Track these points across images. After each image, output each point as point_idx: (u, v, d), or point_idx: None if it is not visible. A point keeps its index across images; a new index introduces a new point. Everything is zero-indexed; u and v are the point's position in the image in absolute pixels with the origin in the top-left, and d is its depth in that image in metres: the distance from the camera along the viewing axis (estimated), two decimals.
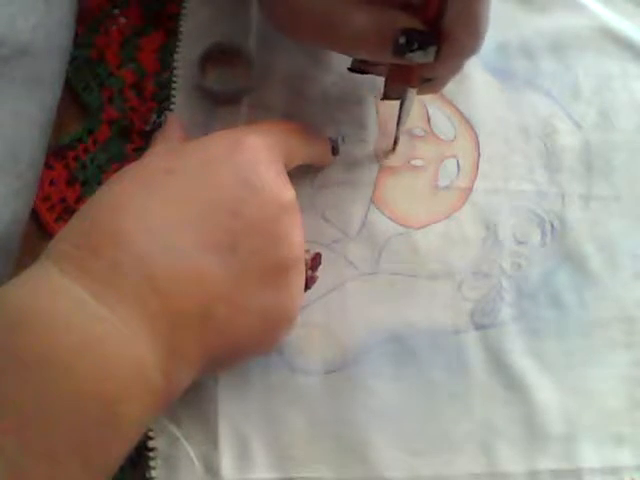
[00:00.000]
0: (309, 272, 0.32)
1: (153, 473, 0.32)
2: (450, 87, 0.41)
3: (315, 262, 0.33)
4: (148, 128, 0.39)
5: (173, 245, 0.27)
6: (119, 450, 0.25)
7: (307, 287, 0.32)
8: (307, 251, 0.32)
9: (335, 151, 0.38)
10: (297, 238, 0.30)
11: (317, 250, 0.33)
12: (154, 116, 0.37)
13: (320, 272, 0.33)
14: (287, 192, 0.30)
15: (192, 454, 0.33)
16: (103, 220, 0.27)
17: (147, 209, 0.27)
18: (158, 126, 0.37)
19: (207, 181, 0.28)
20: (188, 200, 0.28)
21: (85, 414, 0.24)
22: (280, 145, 0.32)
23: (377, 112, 0.40)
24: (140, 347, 0.25)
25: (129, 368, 0.25)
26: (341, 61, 0.40)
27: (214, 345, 0.28)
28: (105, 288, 0.25)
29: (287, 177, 0.31)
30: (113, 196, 0.28)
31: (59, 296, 0.25)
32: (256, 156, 0.30)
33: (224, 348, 0.28)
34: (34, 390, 0.23)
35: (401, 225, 0.38)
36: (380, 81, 0.35)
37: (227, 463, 0.33)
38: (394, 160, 0.39)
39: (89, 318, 0.25)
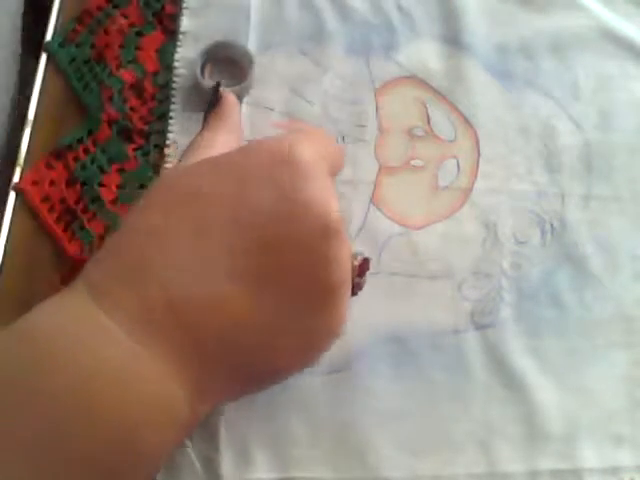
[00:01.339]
0: (356, 279, 0.30)
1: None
2: (450, 87, 0.41)
3: (363, 268, 0.30)
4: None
5: (200, 277, 0.25)
6: None
7: (354, 293, 0.30)
8: (355, 256, 0.29)
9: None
10: (344, 259, 0.27)
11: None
12: (210, 92, 0.34)
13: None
14: (334, 209, 0.26)
15: (192, 454, 0.33)
16: (130, 252, 0.26)
17: (174, 239, 0.25)
18: (211, 106, 0.33)
19: (241, 203, 0.26)
20: (220, 227, 0.25)
21: (113, 455, 0.23)
22: (328, 155, 0.28)
23: (377, 112, 0.40)
24: (171, 384, 0.24)
25: (153, 399, 0.24)
26: (341, 61, 0.40)
27: (247, 375, 0.27)
28: (137, 324, 0.24)
29: (335, 192, 0.28)
30: (140, 225, 0.26)
31: (94, 329, 0.24)
32: (304, 170, 0.26)
33: (259, 376, 0.28)
34: (64, 423, 0.23)
35: (401, 225, 0.38)
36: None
37: (227, 463, 0.33)
38: (394, 160, 0.39)
39: (124, 354, 0.24)
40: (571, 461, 0.34)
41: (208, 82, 0.39)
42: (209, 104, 0.34)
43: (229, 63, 0.40)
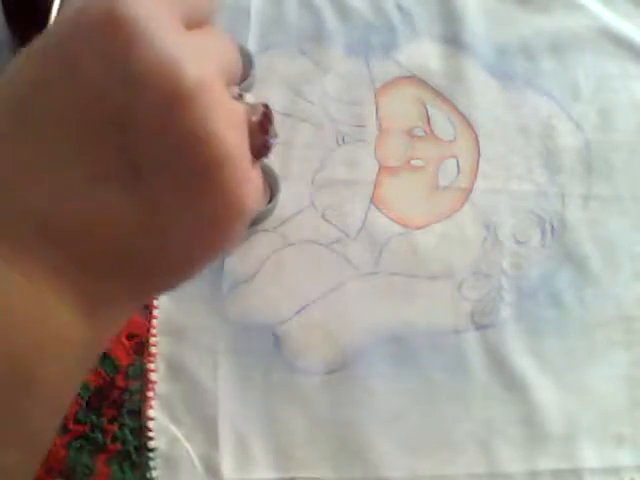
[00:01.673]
0: (259, 138, 0.24)
1: (153, 473, 0.32)
2: (450, 87, 0.41)
3: (264, 123, 0.24)
4: None
5: (58, 185, 0.22)
6: (42, 415, 0.23)
7: (260, 156, 0.25)
8: (254, 110, 0.24)
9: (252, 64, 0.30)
10: (218, 126, 0.22)
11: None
12: None
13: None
14: (189, 67, 0.21)
15: (192, 454, 0.33)
16: None
17: (20, 144, 0.22)
18: None
19: (78, 95, 0.22)
20: (63, 124, 0.22)
21: (4, 388, 0.21)
22: (176, 2, 0.23)
23: (377, 112, 0.40)
24: (47, 301, 0.22)
25: (38, 325, 0.22)
26: (341, 61, 0.40)
27: (148, 276, 0.24)
28: (8, 249, 0.22)
29: (194, 41, 0.22)
30: None
31: None
32: (132, 30, 0.21)
33: (164, 273, 0.25)
34: None
35: (401, 225, 0.38)
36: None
37: (227, 463, 0.33)
38: (394, 160, 0.39)
39: None
40: (571, 461, 0.34)
41: None
42: None
43: None
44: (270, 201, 0.36)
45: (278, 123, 0.27)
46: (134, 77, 0.21)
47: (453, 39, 0.42)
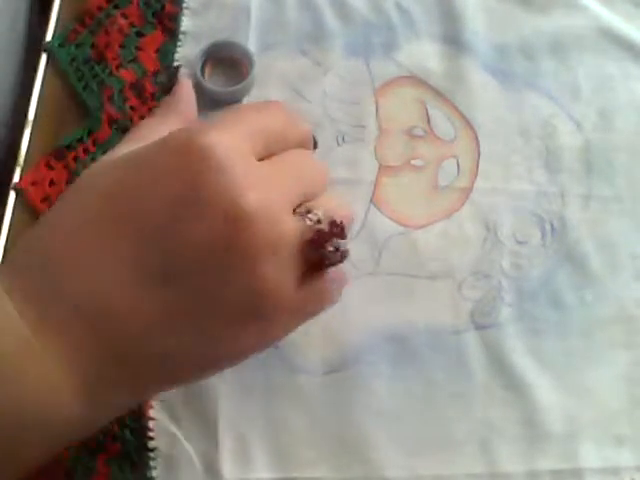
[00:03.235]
0: (317, 252, 0.26)
1: (153, 473, 0.32)
2: (450, 87, 0.41)
3: (317, 241, 0.26)
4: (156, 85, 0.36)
5: (102, 279, 0.25)
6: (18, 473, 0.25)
7: (331, 264, 0.27)
8: (317, 222, 0.26)
9: (315, 144, 0.33)
10: (259, 254, 0.24)
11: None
12: (166, 77, 0.33)
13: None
14: (246, 198, 0.24)
15: (192, 454, 0.33)
16: (36, 246, 0.26)
17: (81, 239, 0.25)
18: (167, 89, 0.33)
19: (143, 205, 0.25)
20: (123, 229, 0.25)
21: None
22: (249, 132, 0.26)
23: (377, 112, 0.40)
24: (55, 374, 0.24)
25: (39, 392, 0.24)
26: (341, 61, 0.40)
27: (154, 375, 0.26)
28: (31, 310, 0.24)
29: (265, 171, 0.26)
30: (51, 222, 0.26)
31: None
32: (205, 159, 0.24)
33: (170, 377, 0.27)
34: None
35: (401, 225, 0.38)
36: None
37: (227, 463, 0.33)
38: (394, 160, 0.39)
39: (10, 333, 0.24)
40: (571, 461, 0.34)
41: (208, 82, 0.39)
42: (164, 88, 0.33)
43: (229, 63, 0.40)
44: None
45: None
46: (195, 198, 0.24)
47: (453, 39, 0.42)
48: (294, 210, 0.27)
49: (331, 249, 0.26)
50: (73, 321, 0.24)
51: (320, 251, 0.26)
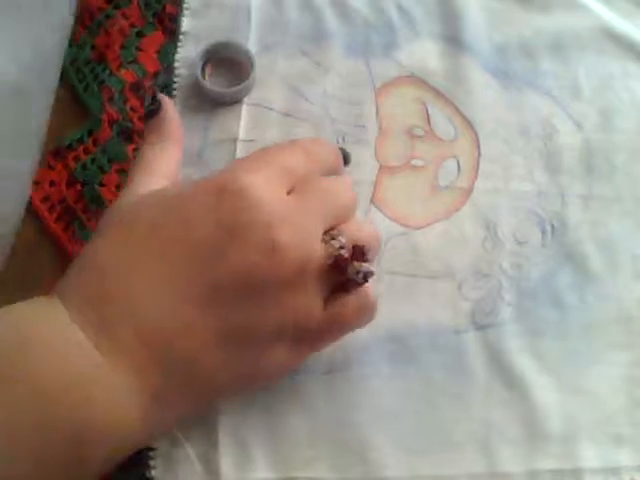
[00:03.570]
0: (340, 276, 0.29)
1: (153, 473, 0.32)
2: (450, 87, 0.41)
3: (339, 266, 0.29)
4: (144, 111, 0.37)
5: (158, 302, 0.28)
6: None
7: (356, 284, 0.30)
8: (339, 248, 0.29)
9: (347, 160, 0.36)
10: (287, 280, 0.28)
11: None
12: (148, 99, 0.35)
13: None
14: (278, 232, 0.28)
15: (192, 454, 0.33)
16: (95, 277, 0.29)
17: (133, 267, 0.28)
18: (153, 113, 0.35)
19: (189, 235, 0.28)
20: (171, 256, 0.28)
21: (55, 448, 0.26)
22: (280, 173, 0.30)
23: (377, 112, 0.40)
24: (123, 393, 0.27)
25: (108, 412, 0.27)
26: (341, 61, 0.40)
27: (205, 389, 0.29)
28: (100, 336, 0.27)
29: (296, 206, 0.29)
30: (102, 253, 0.29)
31: (63, 330, 0.27)
32: (242, 198, 0.28)
33: (217, 390, 0.30)
34: (18, 405, 0.25)
35: (401, 225, 0.38)
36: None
37: (227, 463, 0.33)
38: (394, 160, 0.39)
39: (85, 359, 0.27)
40: (571, 461, 0.34)
41: (208, 82, 0.40)
42: (147, 113, 0.35)
43: (229, 63, 0.40)
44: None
45: (279, 125, 0.31)
46: (235, 231, 0.28)
47: (453, 39, 0.42)
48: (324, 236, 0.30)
49: (353, 272, 0.29)
50: (135, 344, 0.27)
51: (343, 274, 0.29)
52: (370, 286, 0.31)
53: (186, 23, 0.41)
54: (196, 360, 0.28)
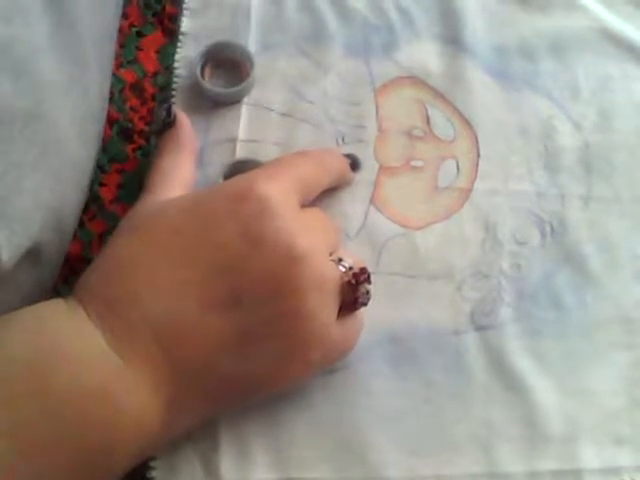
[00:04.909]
0: (354, 295, 0.31)
1: (153, 473, 0.32)
2: (450, 88, 0.41)
3: (354, 284, 0.31)
4: (155, 127, 0.38)
5: (178, 304, 0.28)
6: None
7: (355, 308, 0.32)
8: (348, 269, 0.31)
9: (355, 166, 0.38)
10: (309, 288, 0.29)
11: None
12: (163, 113, 0.36)
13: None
14: (299, 240, 0.29)
15: (192, 454, 0.33)
16: (117, 279, 0.29)
17: (155, 270, 0.29)
18: (167, 125, 0.36)
19: (211, 240, 0.29)
20: (193, 260, 0.29)
21: (84, 461, 0.27)
22: (295, 184, 0.32)
23: (377, 112, 0.40)
24: (144, 398, 0.28)
25: (132, 417, 0.27)
26: (341, 61, 0.40)
27: (220, 393, 0.30)
28: (121, 342, 0.28)
29: (306, 220, 0.31)
30: (125, 256, 0.30)
31: (85, 338, 0.28)
32: (262, 206, 0.29)
33: (232, 395, 0.31)
34: (47, 417, 0.26)
35: (401, 225, 0.38)
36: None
37: (227, 463, 0.33)
38: (394, 160, 0.39)
39: (108, 366, 0.27)
40: (571, 462, 0.34)
41: (208, 82, 0.40)
42: (162, 125, 0.36)
43: (229, 63, 0.40)
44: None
45: (279, 125, 0.33)
46: (257, 238, 0.29)
47: (453, 39, 0.42)
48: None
49: (363, 291, 0.32)
50: (153, 348, 0.28)
51: (355, 293, 0.31)
52: None
53: (186, 23, 0.41)
54: (212, 365, 0.29)
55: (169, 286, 0.29)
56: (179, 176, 0.35)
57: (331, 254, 0.32)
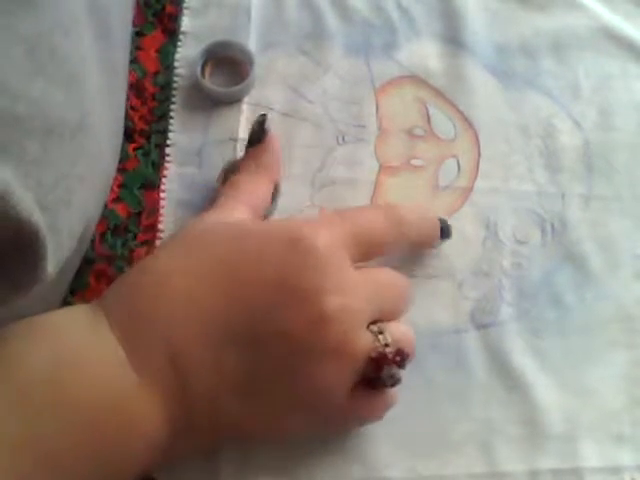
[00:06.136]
0: (377, 374, 0.29)
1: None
2: (450, 87, 0.41)
3: (378, 364, 0.29)
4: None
5: (201, 331, 0.28)
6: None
7: (383, 386, 0.30)
8: (385, 345, 0.29)
9: (445, 234, 0.35)
10: (325, 352, 0.28)
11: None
12: (255, 124, 0.35)
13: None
14: (330, 300, 0.28)
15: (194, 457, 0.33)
16: (147, 294, 0.29)
17: (188, 294, 0.29)
18: (257, 139, 0.35)
19: (248, 278, 0.29)
20: (226, 292, 0.29)
21: (97, 472, 0.27)
22: (350, 238, 0.30)
23: (377, 111, 0.40)
24: (154, 417, 0.28)
25: (141, 434, 0.28)
26: (341, 61, 0.40)
27: (223, 428, 0.30)
28: (138, 357, 0.28)
29: (352, 279, 0.29)
30: (162, 272, 0.30)
31: (106, 349, 0.28)
32: (306, 258, 0.29)
33: (234, 432, 0.30)
34: (63, 429, 0.26)
35: None
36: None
37: (227, 464, 0.33)
38: (394, 160, 0.39)
39: (125, 380, 0.27)
40: (572, 461, 0.34)
41: (208, 82, 0.40)
42: (252, 137, 0.35)
43: (229, 63, 0.40)
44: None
45: (279, 125, 0.31)
46: (292, 290, 0.28)
47: (453, 38, 0.42)
48: (368, 325, 0.29)
49: (388, 374, 0.29)
50: (167, 368, 0.28)
51: (378, 372, 0.29)
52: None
53: (186, 23, 0.41)
54: (217, 399, 0.28)
55: (197, 313, 0.28)
56: (251, 198, 0.34)
57: (376, 322, 0.30)
